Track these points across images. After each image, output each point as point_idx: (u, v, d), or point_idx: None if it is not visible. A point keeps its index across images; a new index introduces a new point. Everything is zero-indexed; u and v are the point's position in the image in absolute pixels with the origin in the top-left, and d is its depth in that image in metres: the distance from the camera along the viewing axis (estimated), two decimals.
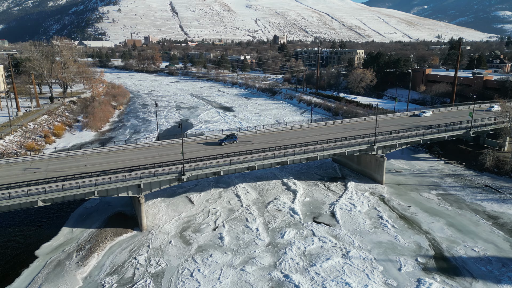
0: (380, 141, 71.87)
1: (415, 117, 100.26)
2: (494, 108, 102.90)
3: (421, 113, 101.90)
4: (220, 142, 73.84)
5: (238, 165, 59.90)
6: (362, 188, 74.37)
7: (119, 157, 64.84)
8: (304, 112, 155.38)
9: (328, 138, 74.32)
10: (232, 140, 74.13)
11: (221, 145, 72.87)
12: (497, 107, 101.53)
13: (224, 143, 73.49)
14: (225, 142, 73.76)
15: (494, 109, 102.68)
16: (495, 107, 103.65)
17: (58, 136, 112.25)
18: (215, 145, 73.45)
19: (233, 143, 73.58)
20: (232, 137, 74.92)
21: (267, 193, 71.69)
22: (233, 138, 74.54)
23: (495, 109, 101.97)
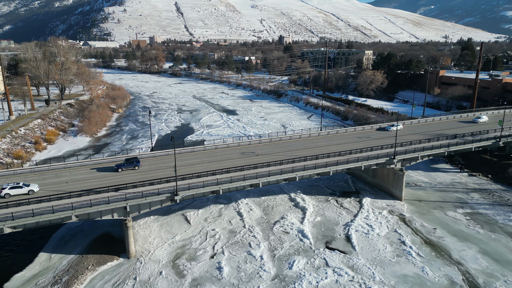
0: (400, 154, 63.97)
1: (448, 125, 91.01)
2: (482, 119, 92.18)
3: (476, 119, 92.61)
4: (117, 167, 58.25)
5: (239, 183, 52.39)
6: (379, 205, 66.46)
7: (105, 172, 57.54)
8: (311, 116, 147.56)
9: (341, 149, 66.59)
10: (133, 165, 58.66)
11: (117, 171, 57.67)
12: (485, 118, 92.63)
13: (121, 169, 58.01)
14: (123, 167, 58.23)
15: (481, 120, 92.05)
16: (482, 117, 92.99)
17: (50, 142, 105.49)
18: (110, 172, 57.95)
19: (134, 168, 58.54)
20: (133, 161, 59.15)
21: (273, 211, 64.06)
22: (135, 163, 58.88)
23: (483, 120, 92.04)
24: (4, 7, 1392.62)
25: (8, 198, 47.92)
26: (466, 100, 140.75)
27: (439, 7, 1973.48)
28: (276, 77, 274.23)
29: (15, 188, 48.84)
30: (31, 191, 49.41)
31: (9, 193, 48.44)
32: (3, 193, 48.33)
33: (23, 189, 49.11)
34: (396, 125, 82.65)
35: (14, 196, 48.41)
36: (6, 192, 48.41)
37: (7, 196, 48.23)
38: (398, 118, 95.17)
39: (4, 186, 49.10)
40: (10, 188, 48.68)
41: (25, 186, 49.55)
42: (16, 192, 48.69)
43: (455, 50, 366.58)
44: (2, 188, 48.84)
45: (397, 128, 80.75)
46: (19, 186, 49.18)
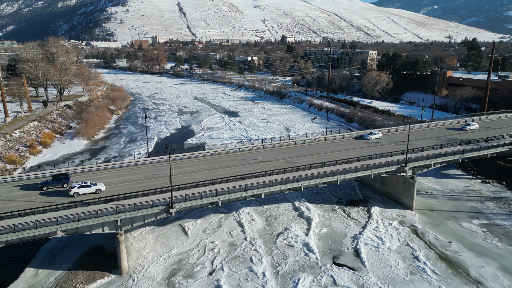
0: (412, 161, 60.05)
1: (457, 130, 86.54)
2: (471, 127, 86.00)
3: (465, 126, 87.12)
4: (42, 185, 51.35)
5: (240, 193, 48.70)
6: (389, 215, 62.58)
7: (97, 181, 53.87)
8: (315, 118, 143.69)
9: (349, 155, 62.79)
10: (61, 183, 51.46)
11: (42, 190, 51.06)
12: (475, 125, 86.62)
13: (46, 187, 51.10)
14: (49, 186, 51.27)
15: (470, 127, 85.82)
16: (472, 125, 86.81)
17: (46, 145, 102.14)
18: (34, 190, 50.84)
19: (62, 186, 51.36)
20: (62, 178, 51.80)
21: (276, 221, 60.30)
22: (63, 180, 51.61)
23: (472, 127, 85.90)
24: (7, 7, 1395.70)
25: (77, 197, 48.33)
26: (475, 102, 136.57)
27: (442, 7, 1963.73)
28: (278, 78, 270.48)
29: (84, 187, 49.25)
30: (98, 190, 49.77)
31: (78, 192, 48.90)
32: (72, 191, 48.60)
33: (91, 188, 49.56)
34: (374, 133, 77.58)
35: (82, 195, 48.79)
36: (75, 191, 48.77)
37: (76, 195, 48.63)
38: (405, 120, 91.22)
39: (73, 185, 49.37)
40: (79, 187, 49.07)
41: (93, 185, 49.93)
42: (85, 191, 49.10)
43: (460, 50, 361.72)
44: (71, 187, 49.13)
45: (376, 137, 77.08)
46: (87, 185, 49.56)
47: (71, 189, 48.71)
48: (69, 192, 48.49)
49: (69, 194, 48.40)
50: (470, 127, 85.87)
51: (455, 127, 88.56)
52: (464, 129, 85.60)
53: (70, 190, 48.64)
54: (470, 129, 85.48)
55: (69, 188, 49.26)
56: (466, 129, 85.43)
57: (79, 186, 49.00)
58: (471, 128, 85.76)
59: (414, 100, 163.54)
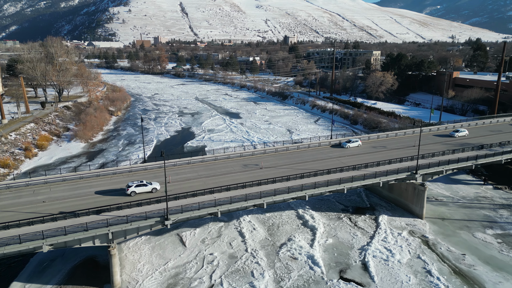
0: (423, 168, 56.78)
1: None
2: (460, 133, 79.46)
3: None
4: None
5: (241, 203, 45.67)
6: (398, 224, 59.38)
7: (90, 188, 51.02)
8: (318, 120, 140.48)
9: (355, 161, 59.66)
10: None
11: None
12: (465, 132, 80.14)
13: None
14: None
15: (459, 134, 79.32)
16: (461, 131, 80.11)
17: (42, 148, 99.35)
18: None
19: None
20: None
21: (279, 231, 57.20)
22: None
23: (461, 134, 79.46)
24: (10, 7, 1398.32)
25: (134, 196, 48.59)
26: (483, 104, 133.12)
27: (445, 7, 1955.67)
28: (281, 78, 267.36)
29: (141, 186, 49.55)
30: (154, 189, 50.23)
31: (135, 191, 49.23)
32: (129, 191, 48.98)
33: (148, 187, 49.92)
34: (353, 141, 71.88)
35: (139, 194, 49.09)
36: (132, 190, 49.12)
37: (133, 194, 48.95)
38: (414, 123, 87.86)
39: (130, 184, 49.72)
40: (136, 186, 49.40)
41: (149, 184, 50.33)
42: (142, 190, 49.42)
43: (464, 50, 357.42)
44: (128, 186, 49.50)
45: (355, 145, 71.90)
46: (143, 184, 49.98)
47: (128, 188, 48.90)
48: (127, 191, 48.75)
49: (127, 193, 48.70)
50: (459, 134, 79.29)
51: (444, 134, 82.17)
52: (453, 135, 79.21)
53: (127, 189, 48.94)
54: (459, 135, 79.05)
55: (126, 187, 49.54)
56: (454, 135, 79.06)
57: (136, 185, 49.22)
58: (459, 134, 79.25)
59: (420, 101, 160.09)
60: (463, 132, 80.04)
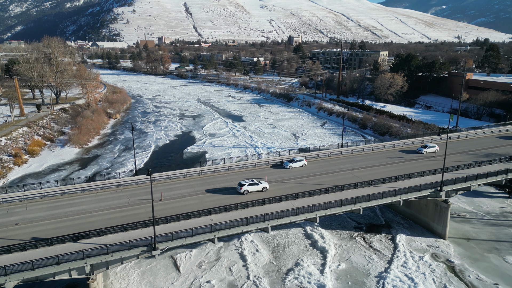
0: (448, 184, 50.33)
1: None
2: (429, 150, 68.21)
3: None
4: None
5: (241, 228, 39.62)
6: (418, 246, 52.99)
7: (71, 208, 45.13)
8: (325, 123, 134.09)
9: (370, 174, 53.34)
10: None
11: None
12: (435, 148, 68.76)
13: None
14: None
15: (428, 150, 68.16)
16: (430, 146, 68.87)
17: (33, 154, 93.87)
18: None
19: None
20: None
21: (285, 253, 51.05)
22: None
23: (430, 150, 68.26)
24: (16, 8, 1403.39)
25: (246, 194, 49.44)
26: (499, 107, 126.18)
27: (451, 7, 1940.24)
28: (285, 79, 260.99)
29: (253, 185, 50.43)
30: (264, 188, 50.88)
31: (248, 190, 50.06)
32: (243, 189, 49.84)
33: (259, 186, 50.74)
34: (296, 160, 60.12)
35: (251, 192, 49.83)
36: (245, 188, 50.05)
37: (246, 192, 49.82)
38: (429, 128, 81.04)
39: (243, 183, 50.55)
40: (249, 185, 50.29)
41: (260, 183, 51.05)
42: (254, 188, 50.29)
43: (473, 51, 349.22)
44: (241, 185, 50.25)
45: (299, 165, 60.36)
46: (255, 183, 50.85)
47: (241, 186, 49.63)
48: (240, 189, 49.59)
49: (240, 192, 49.62)
50: (428, 150, 68.37)
51: (411, 149, 70.46)
52: (420, 152, 68.26)
53: (240, 187, 49.76)
54: (427, 152, 68.17)
55: (238, 186, 50.32)
56: (422, 152, 68.07)
57: (249, 184, 50.03)
58: (428, 151, 68.26)
59: (431, 104, 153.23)
60: (432, 147, 68.73)
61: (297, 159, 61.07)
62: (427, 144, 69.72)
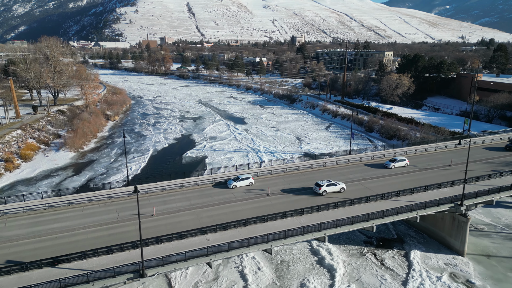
0: (469, 197, 45.94)
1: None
2: (397, 164, 60.66)
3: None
4: None
5: (241, 250, 35.38)
6: (435, 263, 48.61)
7: (54, 224, 41.05)
8: (330, 126, 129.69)
9: (382, 185, 48.94)
10: None
11: None
12: (404, 161, 61.19)
13: None
14: None
15: (396, 164, 60.62)
16: (400, 159, 61.30)
17: (26, 159, 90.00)
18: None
19: None
20: None
21: (289, 272, 46.79)
22: None
23: (399, 165, 60.72)
24: (20, 8, 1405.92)
25: (325, 195, 49.40)
26: (511, 109, 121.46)
27: (454, 7, 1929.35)
28: (288, 80, 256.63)
29: (331, 186, 50.46)
30: (342, 189, 50.82)
31: (326, 190, 50.13)
32: (321, 190, 49.89)
33: (337, 187, 50.65)
34: (242, 177, 52.10)
35: (330, 193, 49.80)
36: (324, 189, 50.07)
37: (324, 193, 49.75)
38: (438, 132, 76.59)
39: (321, 183, 50.51)
40: (327, 185, 50.32)
41: (338, 184, 50.96)
42: (332, 189, 50.27)
43: (478, 51, 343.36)
44: (319, 185, 50.21)
45: (244, 184, 52.46)
46: (333, 183, 50.87)
47: (320, 187, 50.11)
48: (318, 190, 50.03)
49: (318, 193, 50.00)
50: (396, 164, 60.70)
51: (378, 163, 63.02)
52: (388, 166, 60.76)
53: (319, 188, 50.19)
54: (395, 166, 60.66)
55: (317, 187, 50.53)
56: (389, 166, 60.62)
57: (327, 185, 50.27)
58: (396, 165, 60.67)
59: (439, 106, 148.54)
60: (401, 161, 61.31)
61: (244, 176, 52.68)
62: (396, 158, 61.55)
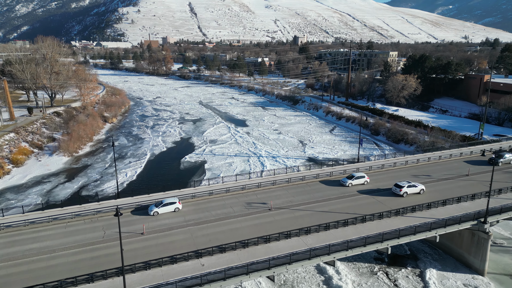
0: (494, 213, 41.62)
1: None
2: (356, 181, 53.17)
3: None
4: None
5: (240, 278, 31.16)
6: (453, 285, 44.29)
7: (33, 244, 36.93)
8: (334, 129, 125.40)
9: (394, 200, 44.64)
10: None
11: None
12: (364, 178, 53.49)
13: None
14: None
15: (353, 181, 53.11)
16: (358, 176, 53.65)
17: (18, 164, 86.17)
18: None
19: None
20: None
21: None
22: None
23: (358, 181, 53.15)
24: (22, 8, 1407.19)
25: (406, 196, 49.02)
26: None
27: (457, 7, 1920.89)
28: (291, 81, 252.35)
29: (411, 187, 49.85)
30: (422, 190, 50.17)
31: (407, 192, 49.50)
32: (402, 191, 49.39)
33: (417, 188, 49.96)
34: (170, 202, 43.80)
35: (410, 194, 49.20)
36: (405, 190, 49.44)
37: (405, 195, 49.30)
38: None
39: (402, 184, 49.89)
40: (408, 187, 49.68)
41: (417, 186, 50.27)
42: (412, 191, 49.59)
43: (483, 51, 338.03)
44: (400, 187, 49.77)
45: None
46: (413, 185, 50.11)
47: (401, 188, 49.23)
48: (399, 191, 49.50)
49: (398, 194, 49.54)
50: (353, 181, 53.18)
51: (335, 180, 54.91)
52: (345, 184, 53.01)
53: (400, 189, 49.42)
54: (353, 184, 53.20)
55: (397, 188, 49.96)
56: (346, 184, 52.92)
57: (407, 186, 49.72)
58: (354, 182, 53.16)
59: (446, 107, 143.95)
60: (360, 178, 53.49)
61: (172, 200, 44.72)
62: (354, 174, 53.52)
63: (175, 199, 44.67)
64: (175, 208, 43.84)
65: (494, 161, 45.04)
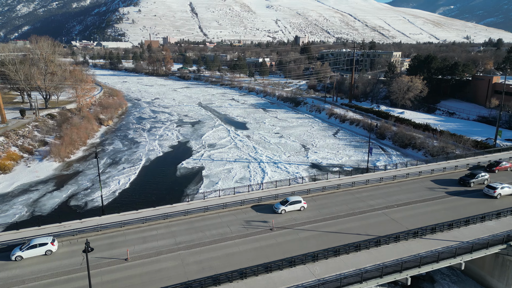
0: None
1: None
2: (288, 208, 44.14)
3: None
4: None
5: None
6: None
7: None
8: (337, 132, 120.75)
9: (412, 217, 39.91)
10: None
11: None
12: (301, 204, 44.57)
13: None
14: None
15: (286, 208, 44.10)
16: (294, 202, 44.64)
17: (5, 170, 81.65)
18: None
19: None
20: None
21: None
22: None
23: (292, 209, 44.21)
24: (23, 8, 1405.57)
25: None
26: None
27: (459, 7, 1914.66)
28: (292, 81, 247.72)
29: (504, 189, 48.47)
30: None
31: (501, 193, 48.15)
32: (496, 193, 48.10)
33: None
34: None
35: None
36: (498, 192, 48.24)
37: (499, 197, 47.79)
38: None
39: (496, 186, 48.78)
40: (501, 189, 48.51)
41: None
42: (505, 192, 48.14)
43: (487, 51, 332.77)
44: (493, 188, 48.50)
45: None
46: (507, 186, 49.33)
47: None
48: None
49: None
50: (287, 207, 44.10)
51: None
52: (277, 210, 44.04)
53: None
54: (286, 211, 44.02)
55: None
56: (279, 211, 43.91)
57: None
58: (288, 209, 44.11)
59: (454, 110, 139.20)
60: (296, 203, 44.49)
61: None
62: (289, 199, 44.46)
63: (47, 238, 35.28)
64: (46, 251, 34.72)
65: None
